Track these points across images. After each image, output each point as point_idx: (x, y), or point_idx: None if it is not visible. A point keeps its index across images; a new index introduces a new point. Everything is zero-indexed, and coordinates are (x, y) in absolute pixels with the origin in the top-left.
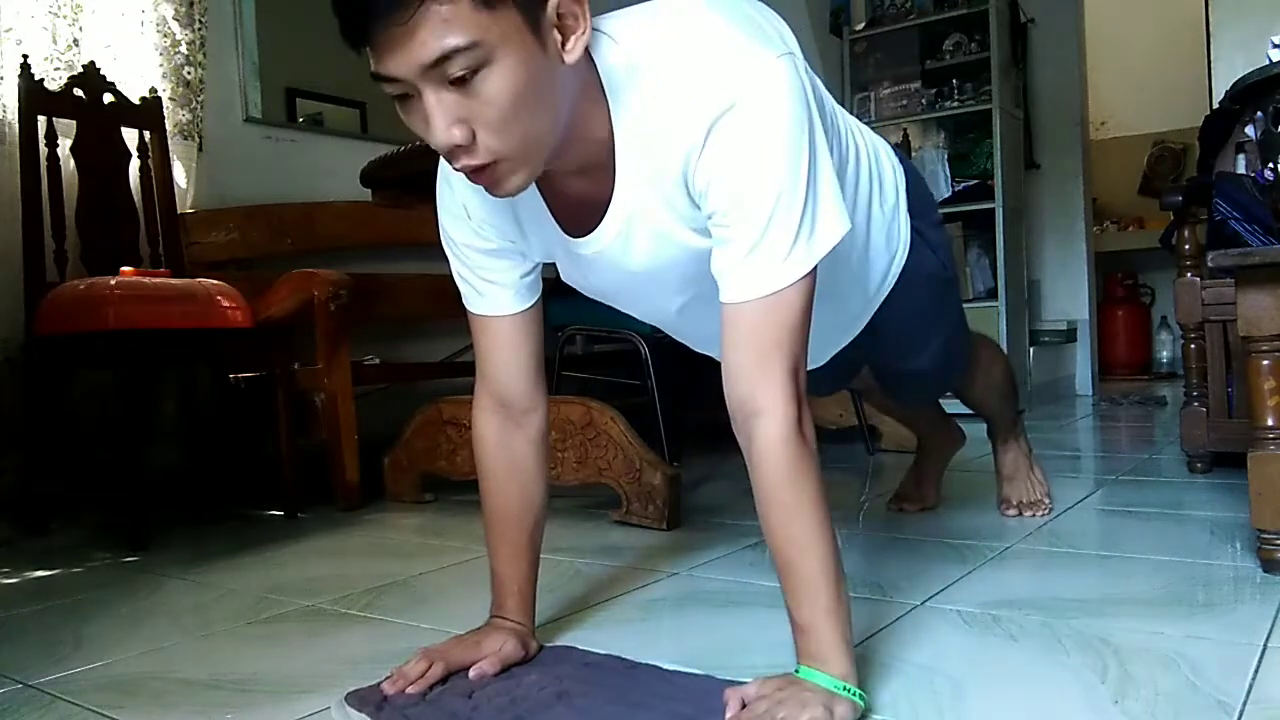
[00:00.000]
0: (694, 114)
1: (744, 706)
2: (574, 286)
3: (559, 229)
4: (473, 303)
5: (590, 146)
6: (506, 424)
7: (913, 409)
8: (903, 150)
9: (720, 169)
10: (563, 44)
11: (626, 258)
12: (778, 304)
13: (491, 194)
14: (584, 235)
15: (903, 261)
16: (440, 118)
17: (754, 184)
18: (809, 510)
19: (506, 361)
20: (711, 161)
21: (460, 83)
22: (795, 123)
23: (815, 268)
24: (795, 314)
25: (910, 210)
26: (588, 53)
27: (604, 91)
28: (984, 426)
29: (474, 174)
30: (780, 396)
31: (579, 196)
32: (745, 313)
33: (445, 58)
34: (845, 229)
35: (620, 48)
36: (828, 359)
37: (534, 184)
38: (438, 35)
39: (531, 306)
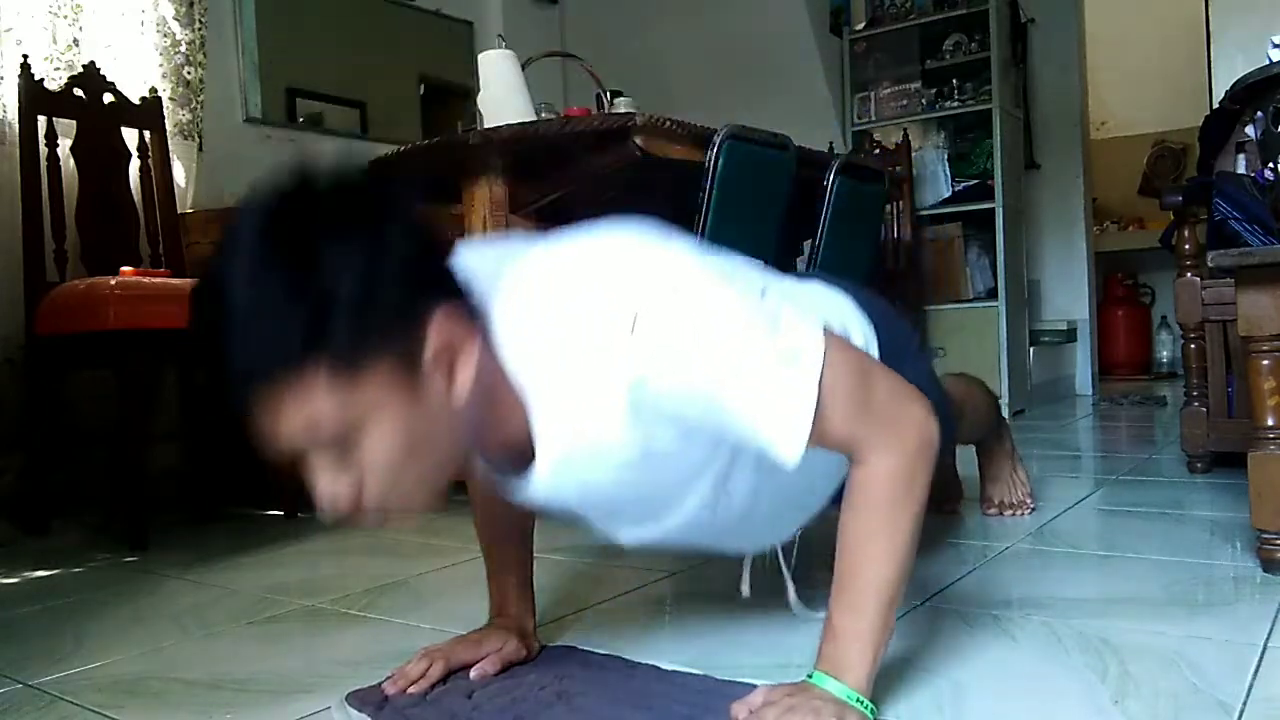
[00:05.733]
0: (606, 389)
1: (750, 713)
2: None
3: (488, 466)
4: None
5: (510, 431)
6: None
7: None
8: (902, 150)
9: (670, 411)
10: (450, 378)
11: (588, 489)
12: (826, 391)
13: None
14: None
15: None
16: (324, 481)
17: (703, 392)
18: (897, 540)
19: None
20: (655, 415)
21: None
22: (710, 303)
23: (827, 329)
24: (850, 375)
25: (885, 354)
26: (491, 351)
27: (511, 384)
28: None
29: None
30: (888, 434)
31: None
32: (819, 427)
33: (311, 437)
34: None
35: (513, 344)
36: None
37: None
38: (297, 425)
39: None
